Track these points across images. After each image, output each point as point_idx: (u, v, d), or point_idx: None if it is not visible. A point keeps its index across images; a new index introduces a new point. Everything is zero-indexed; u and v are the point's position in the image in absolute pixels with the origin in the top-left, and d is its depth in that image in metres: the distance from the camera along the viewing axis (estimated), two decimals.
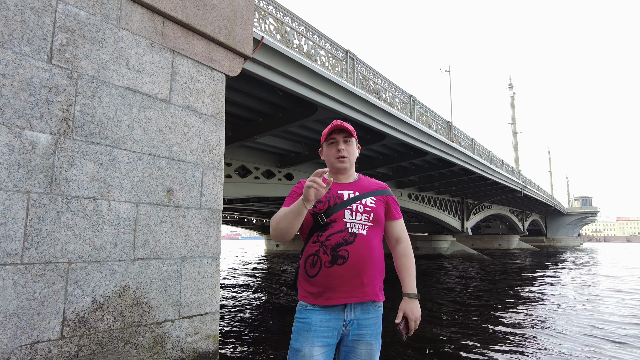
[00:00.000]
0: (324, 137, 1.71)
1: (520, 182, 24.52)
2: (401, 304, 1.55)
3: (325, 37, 7.73)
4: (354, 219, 1.54)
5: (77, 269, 1.95)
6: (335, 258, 1.49)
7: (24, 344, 1.74)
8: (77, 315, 1.92)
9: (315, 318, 1.49)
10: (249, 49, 3.13)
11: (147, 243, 2.27)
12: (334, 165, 1.67)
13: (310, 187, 1.35)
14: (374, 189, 1.66)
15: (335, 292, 1.49)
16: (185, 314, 2.43)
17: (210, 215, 2.68)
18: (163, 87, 2.48)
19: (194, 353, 2.46)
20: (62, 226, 1.90)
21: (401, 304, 1.55)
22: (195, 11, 2.68)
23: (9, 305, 1.71)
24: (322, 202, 1.57)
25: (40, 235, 1.82)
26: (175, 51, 2.58)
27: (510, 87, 55.13)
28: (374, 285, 1.53)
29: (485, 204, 29.10)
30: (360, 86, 8.56)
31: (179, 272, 2.43)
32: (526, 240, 47.56)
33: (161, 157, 2.41)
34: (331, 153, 1.67)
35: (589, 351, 5.23)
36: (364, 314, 1.52)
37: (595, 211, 60.43)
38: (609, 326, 6.62)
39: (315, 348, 1.45)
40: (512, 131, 52.84)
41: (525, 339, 5.77)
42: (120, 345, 2.07)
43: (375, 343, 1.53)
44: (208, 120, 2.77)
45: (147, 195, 2.30)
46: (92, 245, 2.01)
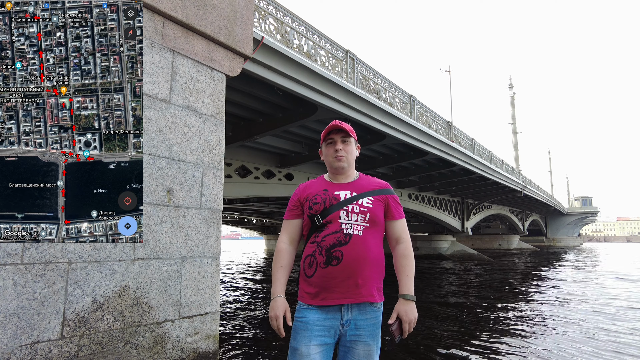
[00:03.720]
0: (322, 137, 1.73)
1: (521, 182, 24.52)
2: (396, 306, 1.54)
3: (326, 37, 7.73)
4: (350, 219, 1.54)
5: (77, 269, 1.95)
6: (330, 259, 1.50)
7: (24, 344, 1.74)
8: (77, 315, 1.92)
9: (312, 317, 1.51)
10: (249, 49, 3.13)
11: (147, 243, 2.27)
12: (332, 164, 1.67)
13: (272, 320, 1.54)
14: (372, 188, 1.65)
15: (331, 293, 1.50)
16: (185, 314, 2.44)
17: (210, 215, 2.69)
18: (163, 87, 2.48)
19: (194, 353, 2.46)
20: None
21: (396, 306, 1.54)
22: (195, 11, 2.68)
23: (9, 305, 1.71)
24: (318, 203, 1.58)
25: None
26: (175, 51, 2.58)
27: (510, 87, 55.14)
28: (370, 286, 1.52)
29: (486, 204, 29.10)
30: (360, 86, 8.56)
31: (179, 272, 2.43)
32: (526, 240, 47.57)
33: (161, 157, 2.41)
34: (329, 153, 1.68)
35: (591, 350, 5.23)
36: (361, 314, 1.52)
37: (595, 211, 60.43)
38: (613, 325, 6.62)
39: (312, 347, 1.47)
40: (512, 131, 52.87)
41: (526, 339, 5.77)
42: (120, 345, 2.07)
43: (374, 343, 1.53)
44: (208, 120, 2.77)
45: (147, 195, 2.30)
46: (92, 245, 2.01)
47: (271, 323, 1.53)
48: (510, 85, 55.22)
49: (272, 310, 1.53)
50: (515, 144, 52.05)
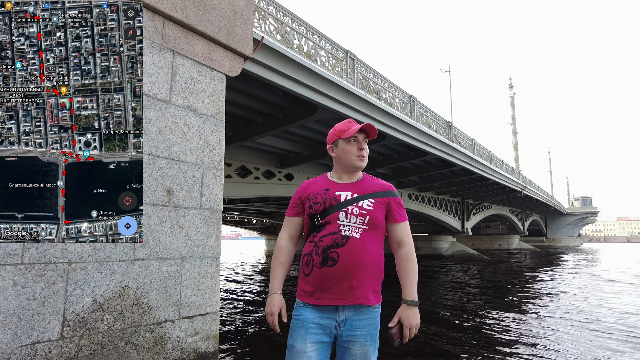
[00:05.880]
0: (344, 133, 1.65)
1: (521, 182, 24.52)
2: (399, 310, 1.53)
3: (325, 37, 7.74)
4: (348, 221, 1.53)
5: (77, 269, 1.95)
6: (326, 260, 1.50)
7: (24, 344, 1.74)
8: (77, 316, 1.92)
9: (308, 315, 1.52)
10: (249, 49, 3.13)
11: (147, 243, 2.27)
12: (353, 163, 1.64)
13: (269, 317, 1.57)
14: (375, 190, 1.63)
15: (325, 293, 1.50)
16: (185, 314, 2.43)
17: (210, 215, 2.68)
18: (163, 87, 2.48)
19: (194, 353, 2.46)
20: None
21: (399, 310, 1.53)
22: (195, 11, 2.68)
23: (9, 306, 1.71)
24: (318, 203, 1.58)
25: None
26: (175, 51, 2.58)
27: (510, 87, 55.12)
28: (365, 288, 1.51)
29: (486, 204, 29.09)
30: (360, 86, 8.56)
31: (179, 272, 2.43)
32: (526, 240, 47.52)
33: (161, 157, 2.41)
34: (352, 150, 1.64)
35: (594, 349, 5.22)
36: (357, 315, 1.51)
37: (595, 211, 60.39)
38: (613, 324, 6.61)
39: (307, 344, 1.48)
40: (512, 131, 52.86)
41: (527, 338, 5.77)
42: (120, 346, 2.07)
43: (371, 344, 1.52)
44: (208, 120, 2.77)
45: (147, 195, 2.30)
46: (92, 245, 2.01)
47: (267, 319, 1.56)
48: (510, 86, 55.21)
49: (269, 307, 1.56)
50: (515, 144, 52.04)
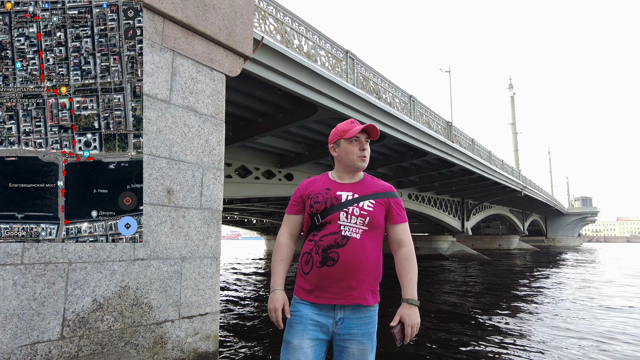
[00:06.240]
0: (346, 133, 1.65)
1: (520, 182, 24.52)
2: (399, 309, 1.53)
3: (325, 37, 7.74)
4: (349, 222, 1.54)
5: (77, 269, 1.95)
6: (326, 259, 1.51)
7: (24, 344, 1.74)
8: (77, 316, 1.92)
9: (306, 312, 1.53)
10: (249, 49, 3.13)
11: (147, 243, 2.27)
12: (355, 163, 1.65)
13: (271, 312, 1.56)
14: (376, 191, 1.63)
15: (324, 292, 1.51)
16: (185, 314, 2.43)
17: (210, 215, 2.68)
18: (163, 87, 2.48)
19: (194, 353, 2.46)
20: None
21: (399, 309, 1.53)
22: (195, 11, 2.68)
23: (9, 306, 1.71)
24: (319, 202, 1.58)
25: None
26: (175, 51, 2.58)
27: (510, 87, 55.14)
28: (363, 289, 1.51)
29: (486, 204, 29.10)
30: (360, 86, 8.56)
31: (179, 272, 2.43)
32: (526, 240, 47.53)
33: (161, 157, 2.41)
34: (354, 151, 1.64)
35: (594, 348, 5.23)
36: (355, 313, 1.52)
37: (595, 211, 60.40)
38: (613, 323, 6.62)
39: (304, 340, 1.49)
40: (512, 131, 52.88)
41: (527, 338, 5.77)
42: (120, 346, 2.07)
43: (368, 343, 1.52)
44: (208, 120, 2.77)
45: (147, 195, 2.30)
46: (92, 245, 2.01)
47: (270, 315, 1.55)
48: (510, 86, 55.22)
49: (271, 303, 1.55)
50: (515, 144, 52.06)
